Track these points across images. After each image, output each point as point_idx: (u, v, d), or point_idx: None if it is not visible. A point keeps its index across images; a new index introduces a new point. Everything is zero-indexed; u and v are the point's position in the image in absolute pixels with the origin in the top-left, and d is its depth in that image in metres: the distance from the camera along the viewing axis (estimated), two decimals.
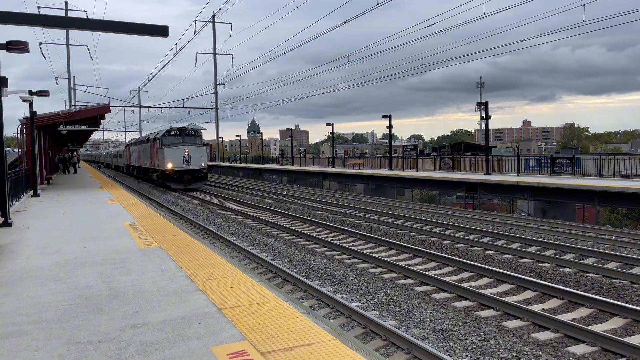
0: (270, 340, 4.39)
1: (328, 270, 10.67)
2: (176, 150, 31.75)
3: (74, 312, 5.26)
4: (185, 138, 32.76)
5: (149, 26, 8.59)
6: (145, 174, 41.06)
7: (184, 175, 32.18)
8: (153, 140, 35.55)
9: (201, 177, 33.32)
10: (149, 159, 37.42)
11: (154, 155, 35.26)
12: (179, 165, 31.80)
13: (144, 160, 39.58)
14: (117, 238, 9.72)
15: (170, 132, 32.87)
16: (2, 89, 11.32)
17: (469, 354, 6.30)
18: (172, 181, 32.24)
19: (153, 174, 36.42)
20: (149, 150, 36.97)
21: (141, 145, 41.49)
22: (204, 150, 33.72)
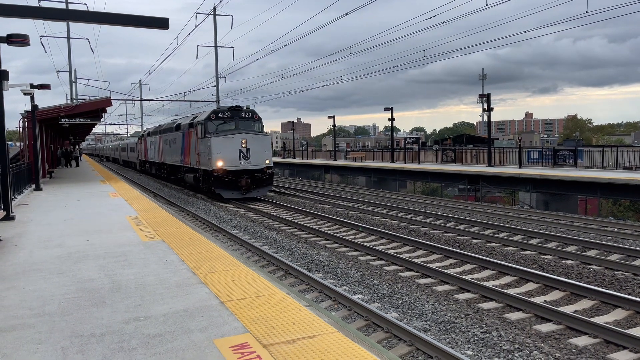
0: (272, 333, 4.39)
1: (330, 262, 10.68)
2: (229, 141, 21.61)
3: (76, 305, 5.27)
4: (240, 122, 22.52)
5: (150, 18, 8.54)
6: (172, 173, 31.12)
7: (241, 178, 21.76)
8: (189, 127, 25.18)
9: (265, 181, 22.57)
10: (180, 154, 27.46)
11: (189, 148, 25.34)
12: (233, 163, 21.54)
13: (171, 154, 29.77)
14: (120, 231, 9.73)
15: (218, 114, 22.51)
16: (3, 82, 11.30)
17: (471, 346, 6.30)
18: (222, 187, 21.83)
19: (187, 174, 26.07)
20: (181, 142, 26.97)
21: (166, 135, 31.36)
22: (268, 141, 23.10)
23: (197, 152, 23.67)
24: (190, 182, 25.75)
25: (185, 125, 26.10)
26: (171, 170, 31.24)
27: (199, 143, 23.17)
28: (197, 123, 23.47)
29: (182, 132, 26.66)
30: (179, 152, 27.57)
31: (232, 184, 21.81)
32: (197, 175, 24.17)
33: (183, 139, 26.61)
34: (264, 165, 22.31)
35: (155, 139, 35.25)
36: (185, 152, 26.32)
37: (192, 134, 24.58)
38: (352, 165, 37.61)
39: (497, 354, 6.04)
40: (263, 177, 22.45)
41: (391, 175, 32.61)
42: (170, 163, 30.79)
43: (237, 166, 21.73)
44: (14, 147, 42.87)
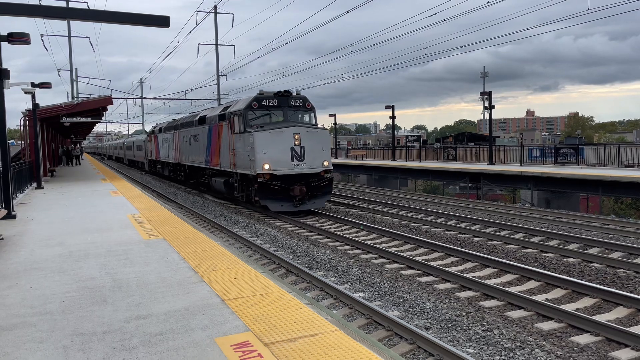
0: (274, 331, 4.39)
1: (331, 261, 10.68)
2: (278, 137, 16.49)
3: (77, 304, 5.27)
4: (289, 112, 17.64)
5: (150, 17, 8.54)
6: (191, 176, 26.46)
7: (294, 186, 16.52)
8: (218, 120, 20.28)
9: (323, 188, 17.34)
10: (204, 153, 22.54)
11: (218, 145, 20.41)
12: (283, 165, 16.48)
13: (192, 154, 24.88)
14: (121, 230, 9.74)
15: (262, 102, 17.47)
16: (4, 81, 11.30)
17: (472, 344, 6.30)
18: (269, 197, 16.56)
19: (215, 178, 21.19)
20: (206, 138, 22.00)
21: (184, 131, 26.37)
22: (326, 137, 17.89)
23: (231, 151, 18.51)
24: (219, 189, 20.81)
25: (213, 118, 21.11)
26: (191, 173, 26.29)
27: (235, 140, 18.00)
28: (233, 114, 18.18)
29: (209, 127, 21.63)
30: (203, 150, 22.61)
31: (281, 193, 16.47)
32: (231, 181, 19.08)
33: (209, 134, 21.55)
34: (322, 168, 17.03)
35: (170, 136, 30.10)
36: (212, 151, 21.29)
37: (223, 129, 19.54)
38: (353, 164, 37.61)
39: (498, 352, 6.03)
40: (321, 184, 17.03)
41: (392, 173, 32.60)
42: (189, 164, 25.83)
43: (288, 170, 16.42)
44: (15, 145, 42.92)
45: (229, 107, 19.94)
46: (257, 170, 16.31)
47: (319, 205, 17.42)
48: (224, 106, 20.98)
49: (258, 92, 17.81)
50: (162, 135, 33.00)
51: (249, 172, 16.89)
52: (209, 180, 22.85)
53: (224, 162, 19.68)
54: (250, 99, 17.63)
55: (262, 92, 17.82)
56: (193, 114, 26.98)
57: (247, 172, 17.08)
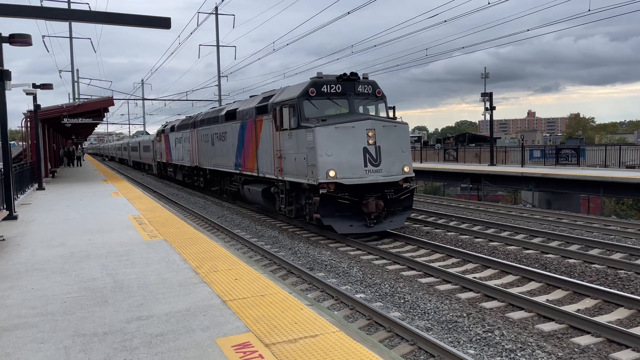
0: (274, 332, 4.39)
1: (332, 262, 10.68)
2: (346, 134, 12.56)
3: (79, 305, 5.28)
4: (355, 102, 13.70)
5: (152, 18, 8.55)
6: (213, 182, 22.95)
7: (368, 199, 12.58)
8: (256, 113, 16.17)
9: (403, 202, 13.31)
10: (233, 155, 18.62)
11: (254, 145, 16.40)
12: (354, 171, 12.53)
13: (216, 156, 21.06)
14: (122, 231, 9.75)
15: (321, 87, 13.42)
16: (5, 82, 11.32)
17: (473, 345, 6.30)
18: (335, 213, 12.54)
19: (249, 187, 17.30)
20: (237, 137, 18.14)
21: (205, 129, 22.79)
22: (406, 133, 13.80)
23: (276, 153, 14.39)
24: (254, 199, 17.00)
25: (248, 112, 16.91)
26: (213, 179, 22.77)
27: (283, 138, 13.93)
28: (280, 105, 13.95)
29: (240, 123, 17.66)
30: (232, 152, 18.71)
31: (350, 209, 12.41)
32: (274, 191, 15.19)
33: (242, 132, 17.62)
34: (402, 175, 12.99)
35: (185, 135, 26.26)
36: (245, 152, 17.37)
37: (262, 125, 15.51)
38: None
39: (499, 353, 6.03)
40: (401, 197, 12.97)
41: None
42: (211, 168, 22.14)
43: (360, 178, 12.35)
44: (16, 146, 42.98)
45: (270, 96, 15.52)
46: (319, 179, 12.11)
47: (397, 224, 13.16)
48: (263, 96, 16.50)
49: (316, 74, 13.56)
50: (175, 135, 29.03)
51: (305, 181, 12.79)
52: (239, 189, 18.85)
53: (264, 167, 15.59)
54: (306, 85, 13.34)
55: (321, 74, 13.50)
56: (215, 109, 23.20)
57: (302, 180, 12.98)
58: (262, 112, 15.66)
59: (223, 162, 20.23)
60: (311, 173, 12.54)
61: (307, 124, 12.84)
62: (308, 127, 12.67)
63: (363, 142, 12.48)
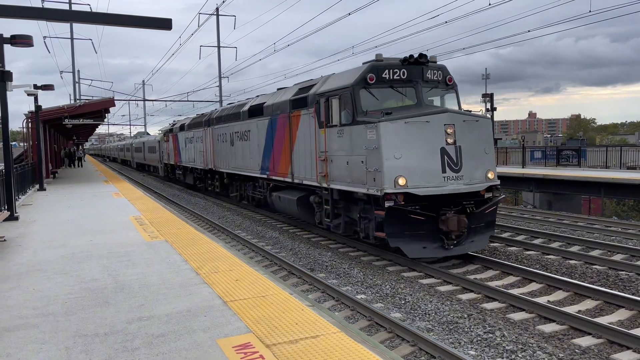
0: (275, 333, 4.40)
1: (333, 263, 10.68)
2: (418, 131, 9.77)
3: (80, 305, 5.29)
4: (424, 91, 10.92)
5: (153, 19, 8.57)
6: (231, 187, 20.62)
7: (446, 215, 9.74)
8: (291, 107, 13.70)
9: (486, 217, 10.44)
10: (261, 157, 15.93)
11: (287, 145, 14.05)
12: (428, 177, 9.74)
13: (238, 157, 18.29)
14: (123, 231, 9.76)
15: (383, 72, 10.64)
16: (7, 83, 11.35)
17: (474, 346, 6.30)
18: (404, 232, 9.72)
19: (280, 194, 14.87)
20: (265, 135, 15.57)
21: (222, 127, 20.11)
22: (488, 130, 10.78)
23: (319, 154, 11.92)
24: (286, 209, 14.58)
25: (280, 106, 14.31)
26: (232, 183, 20.37)
27: (330, 136, 11.39)
28: (328, 95, 11.38)
29: (269, 120, 15.06)
30: (257, 153, 16.11)
31: (424, 226, 9.79)
32: (315, 200, 12.67)
33: (271, 130, 14.97)
34: (486, 182, 10.41)
35: (198, 134, 23.85)
36: (275, 153, 14.78)
37: (300, 121, 13.01)
38: None
39: (500, 354, 6.03)
40: (485, 211, 10.36)
41: None
42: (230, 171, 19.52)
43: (438, 186, 9.80)
44: (17, 147, 43.04)
45: (309, 87, 12.93)
46: (384, 188, 9.51)
47: (479, 245, 10.45)
48: (298, 88, 13.75)
49: (375, 56, 10.91)
50: (185, 134, 26.43)
51: (363, 190, 10.15)
52: (265, 196, 16.41)
53: (301, 171, 13.08)
54: (362, 70, 10.69)
55: (381, 56, 10.86)
56: (236, 104, 20.15)
57: (359, 189, 10.37)
58: (300, 105, 12.98)
59: (245, 165, 17.57)
60: (372, 180, 9.85)
61: (365, 118, 10.21)
62: (369, 122, 9.99)
63: (440, 141, 9.76)
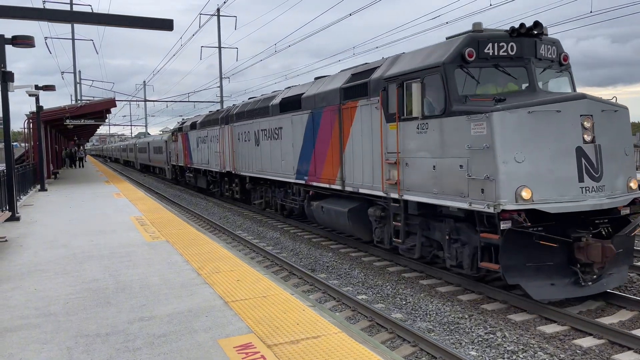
0: (276, 333, 4.40)
1: (334, 263, 10.69)
2: (544, 124, 7.10)
3: (81, 305, 5.30)
4: (537, 71, 8.34)
5: (154, 20, 8.58)
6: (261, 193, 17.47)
7: (580, 236, 7.19)
8: (344, 97, 11.01)
9: (627, 241, 7.66)
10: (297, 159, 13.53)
11: (336, 144, 11.44)
12: (560, 188, 7.06)
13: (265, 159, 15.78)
14: (124, 232, 9.77)
15: (485, 47, 7.99)
16: (8, 83, 11.38)
17: (475, 347, 6.30)
18: (525, 260, 7.10)
19: (323, 203, 12.33)
20: (305, 132, 13.01)
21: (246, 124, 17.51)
22: (627, 122, 8.17)
23: (386, 156, 9.49)
24: (336, 222, 11.87)
25: (326, 96, 11.82)
26: (255, 188, 17.77)
27: (405, 132, 8.97)
28: (405, 78, 8.93)
29: (309, 114, 12.56)
30: (292, 154, 13.66)
31: (553, 257, 7.31)
32: (377, 215, 10.27)
33: (311, 127, 12.54)
34: (630, 193, 7.85)
35: (214, 133, 21.55)
36: (317, 154, 12.32)
37: (354, 114, 10.57)
38: None
39: (501, 355, 6.03)
40: (629, 234, 7.79)
41: None
42: (254, 175, 16.86)
43: (575, 200, 7.21)
44: (18, 147, 43.10)
45: (368, 71, 10.35)
46: (500, 202, 7.05)
47: (619, 279, 7.92)
48: (351, 73, 11.13)
49: (472, 25, 8.38)
50: (197, 133, 24.24)
51: (463, 205, 7.68)
52: (301, 205, 13.88)
53: (357, 177, 10.55)
54: (457, 43, 8.21)
55: (480, 26, 8.33)
56: (262, 97, 17.20)
57: (455, 203, 7.87)
58: (356, 94, 10.47)
59: (274, 168, 15.01)
60: (479, 192, 7.36)
61: (467, 107, 7.75)
62: (474, 112, 7.50)
63: (575, 139, 7.27)
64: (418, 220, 9.05)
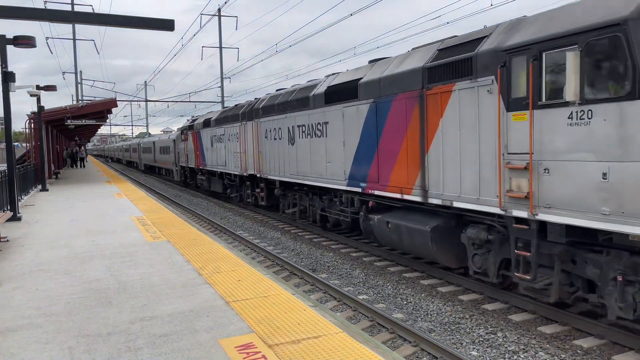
0: (277, 333, 4.41)
1: (335, 263, 10.69)
2: None
3: (83, 305, 5.31)
4: None
5: (155, 20, 8.59)
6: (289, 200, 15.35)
7: None
8: (429, 79, 8.30)
9: None
10: (351, 161, 10.82)
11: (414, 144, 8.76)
12: None
13: (305, 161, 13.13)
14: (125, 232, 9.78)
15: None
16: (9, 84, 11.39)
17: (476, 347, 6.30)
18: None
19: (390, 219, 9.55)
20: (364, 127, 10.29)
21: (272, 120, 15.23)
22: None
23: (507, 159, 6.90)
24: (411, 244, 9.09)
25: (398, 80, 9.27)
26: (287, 195, 15.28)
27: (547, 125, 6.34)
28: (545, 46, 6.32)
29: (370, 105, 10.06)
30: (341, 155, 11.26)
31: None
32: (483, 238, 7.63)
33: (373, 120, 10.04)
34: None
35: (232, 131, 19.23)
36: (381, 155, 9.86)
37: (445, 101, 8.04)
38: None
39: (502, 355, 6.03)
40: None
41: None
42: (288, 180, 14.34)
43: None
44: (19, 148, 43.16)
45: (472, 42, 7.85)
46: None
47: None
48: (437, 49, 8.63)
49: None
50: (212, 131, 21.95)
51: None
52: (354, 218, 11.43)
53: (450, 185, 8.02)
54: None
55: None
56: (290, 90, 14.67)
57: None
58: (450, 74, 7.92)
59: (317, 172, 12.47)
60: None
61: None
62: None
63: None
64: (558, 249, 6.53)
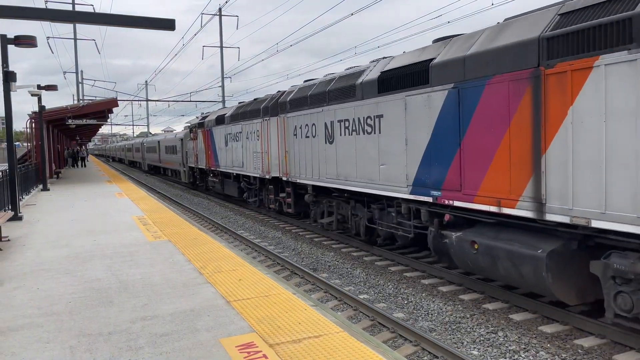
0: (278, 332, 4.41)
1: (335, 263, 10.69)
2: None
3: (84, 305, 5.32)
4: None
5: (156, 20, 8.59)
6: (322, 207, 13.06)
7: None
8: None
9: None
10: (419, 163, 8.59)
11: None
12: None
13: (349, 163, 10.85)
14: (126, 231, 9.79)
15: None
16: (10, 83, 11.40)
17: (477, 346, 6.30)
18: None
19: (461, 237, 7.79)
20: (437, 122, 8.04)
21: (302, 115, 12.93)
22: None
23: None
24: (507, 272, 7.07)
25: (489, 58, 7.02)
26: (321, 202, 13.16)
27: None
28: None
29: (448, 92, 7.79)
30: (405, 155, 9.03)
31: None
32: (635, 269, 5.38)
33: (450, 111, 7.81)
34: None
35: (250, 128, 17.13)
36: (468, 156, 7.57)
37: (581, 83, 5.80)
38: None
39: (502, 354, 6.03)
40: None
41: None
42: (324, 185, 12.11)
43: None
44: (20, 147, 43.20)
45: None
46: None
47: None
48: (557, 13, 6.31)
49: None
50: (227, 129, 19.91)
51: None
52: (419, 233, 9.34)
53: (589, 197, 5.79)
54: None
55: None
56: (330, 77, 12.16)
57: None
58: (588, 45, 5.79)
59: (364, 176, 10.40)
60: None
61: None
62: None
63: None
64: None
